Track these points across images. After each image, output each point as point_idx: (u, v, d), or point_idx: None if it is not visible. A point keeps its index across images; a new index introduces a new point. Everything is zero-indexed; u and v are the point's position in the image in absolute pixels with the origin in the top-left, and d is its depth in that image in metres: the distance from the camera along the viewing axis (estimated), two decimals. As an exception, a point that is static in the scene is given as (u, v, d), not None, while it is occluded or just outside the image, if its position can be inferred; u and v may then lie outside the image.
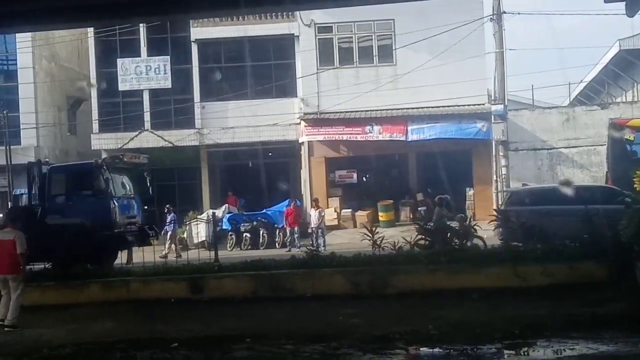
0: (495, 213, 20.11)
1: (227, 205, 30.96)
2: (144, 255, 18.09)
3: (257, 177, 30.97)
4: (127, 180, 22.27)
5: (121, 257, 20.54)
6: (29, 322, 13.62)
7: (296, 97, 33.08)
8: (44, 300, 15.20)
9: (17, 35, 33.07)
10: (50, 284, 15.52)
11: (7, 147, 34.15)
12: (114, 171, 21.36)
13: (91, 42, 34.33)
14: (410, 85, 30.27)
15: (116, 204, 20.66)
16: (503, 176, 30.10)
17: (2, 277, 13.50)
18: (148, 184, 23.12)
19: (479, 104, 30.97)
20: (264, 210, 29.88)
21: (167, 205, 28.84)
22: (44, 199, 20.81)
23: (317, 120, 32.05)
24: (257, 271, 15.74)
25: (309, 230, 27.20)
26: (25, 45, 34.99)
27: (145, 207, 23.11)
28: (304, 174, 32.90)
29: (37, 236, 17.45)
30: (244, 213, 30.47)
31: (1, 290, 13.63)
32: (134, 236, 21.20)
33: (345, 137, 31.72)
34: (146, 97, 34.14)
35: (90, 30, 32.30)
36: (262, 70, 33.70)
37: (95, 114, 34.38)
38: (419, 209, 30.42)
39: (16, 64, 36.28)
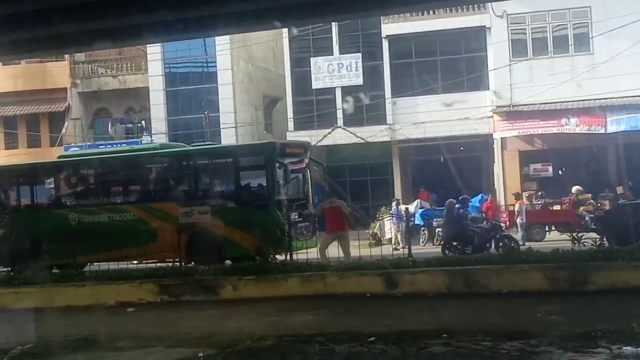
0: None
1: (419, 200, 30.92)
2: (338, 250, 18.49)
3: (449, 172, 30.73)
4: None
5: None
6: (232, 315, 14.23)
7: (488, 90, 32.61)
8: (246, 293, 15.78)
9: (216, 38, 34.52)
10: (251, 278, 16.08)
11: (208, 146, 35.72)
12: None
13: (286, 42, 35.33)
14: (609, 74, 29.07)
15: None
16: None
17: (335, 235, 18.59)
18: None
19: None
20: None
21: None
22: None
23: (510, 113, 31.46)
24: (452, 266, 15.66)
25: (518, 224, 26.67)
26: (223, 47, 36.47)
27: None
28: (497, 167, 32.37)
29: None
30: (436, 208, 30.28)
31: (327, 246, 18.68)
32: None
33: (540, 131, 30.97)
34: (338, 94, 34.72)
35: (285, 30, 33.22)
36: (453, 63, 33.46)
37: (290, 112, 35.35)
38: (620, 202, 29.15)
39: (215, 66, 37.89)
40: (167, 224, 21.15)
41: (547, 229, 26.33)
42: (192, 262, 20.09)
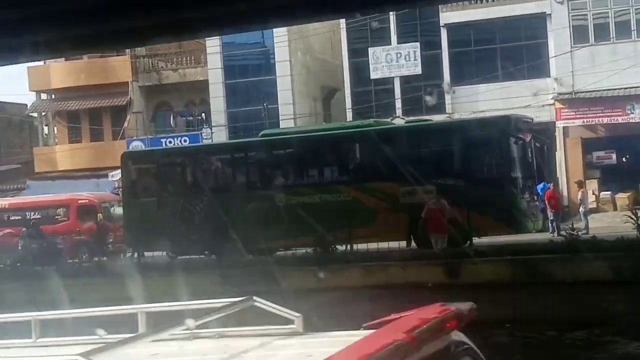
0: None
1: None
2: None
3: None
4: None
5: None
6: (289, 305, 14.27)
7: (549, 77, 32.15)
8: (306, 284, 15.84)
9: (274, 30, 34.63)
10: (312, 268, 16.14)
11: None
12: None
13: (343, 33, 35.30)
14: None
15: None
16: None
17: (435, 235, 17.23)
18: None
19: None
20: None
21: None
22: None
23: (572, 101, 30.99)
24: (514, 256, 15.53)
25: (582, 212, 26.31)
26: (281, 39, 36.58)
27: None
28: (559, 155, 31.93)
29: None
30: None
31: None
32: None
33: (604, 120, 30.48)
34: (397, 84, 34.59)
35: (343, 21, 33.19)
36: (513, 51, 33.04)
37: (348, 103, 35.33)
38: None
39: (274, 58, 38.02)
40: (387, 204, 19.87)
41: None
42: (414, 245, 18.91)
